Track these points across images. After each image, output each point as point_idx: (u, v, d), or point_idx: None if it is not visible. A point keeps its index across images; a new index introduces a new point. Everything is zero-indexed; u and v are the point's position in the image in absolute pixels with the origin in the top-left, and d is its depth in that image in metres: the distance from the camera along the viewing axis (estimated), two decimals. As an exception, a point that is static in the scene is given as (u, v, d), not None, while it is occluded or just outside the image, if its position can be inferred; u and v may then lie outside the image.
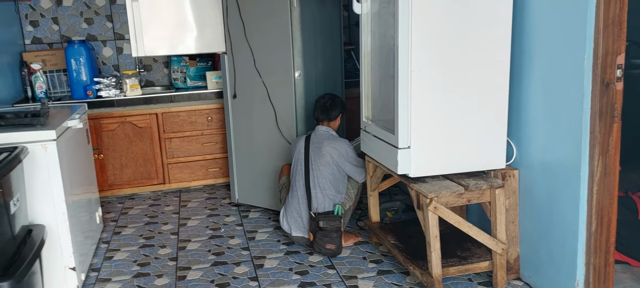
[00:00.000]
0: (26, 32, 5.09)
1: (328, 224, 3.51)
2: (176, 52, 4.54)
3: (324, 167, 3.64)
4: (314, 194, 3.63)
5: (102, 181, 4.84)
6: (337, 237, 3.54)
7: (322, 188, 3.63)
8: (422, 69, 2.80)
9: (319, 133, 3.76)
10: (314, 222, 3.54)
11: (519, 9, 2.89)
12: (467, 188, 2.90)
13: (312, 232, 3.55)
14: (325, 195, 3.64)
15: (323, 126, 3.79)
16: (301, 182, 3.69)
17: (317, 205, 3.63)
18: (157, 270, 3.56)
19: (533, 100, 2.88)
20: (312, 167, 3.66)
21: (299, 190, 3.69)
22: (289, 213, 3.73)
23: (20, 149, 2.75)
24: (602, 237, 2.65)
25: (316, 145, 3.70)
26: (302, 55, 3.99)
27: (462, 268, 3.08)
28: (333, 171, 3.66)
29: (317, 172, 3.64)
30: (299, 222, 3.69)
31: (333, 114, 3.79)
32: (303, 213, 3.67)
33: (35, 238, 2.80)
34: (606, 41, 2.43)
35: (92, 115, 4.67)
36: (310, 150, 3.70)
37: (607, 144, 2.55)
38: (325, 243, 3.51)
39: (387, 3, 2.97)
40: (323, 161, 3.64)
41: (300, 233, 3.69)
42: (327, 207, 3.64)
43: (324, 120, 3.80)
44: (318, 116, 3.82)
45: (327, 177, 3.65)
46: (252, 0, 4.06)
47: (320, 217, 3.52)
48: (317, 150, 3.67)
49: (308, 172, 3.66)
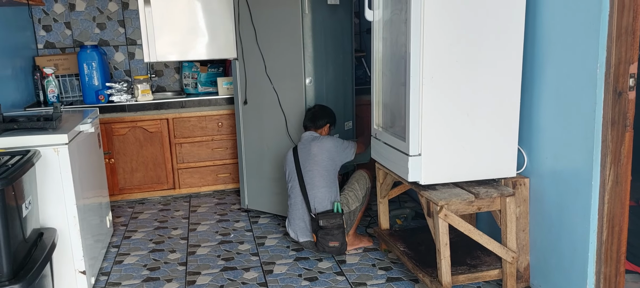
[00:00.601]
0: (39, 37, 5.14)
1: (328, 222, 3.51)
2: (188, 57, 4.56)
3: (314, 166, 3.66)
4: (311, 195, 3.65)
5: (113, 185, 4.87)
6: (339, 233, 3.54)
7: (317, 187, 3.65)
8: (434, 76, 2.80)
9: (304, 138, 3.82)
10: (315, 222, 3.55)
11: (532, 17, 2.89)
12: (478, 196, 2.89)
13: (314, 232, 3.56)
14: (322, 193, 3.65)
15: (309, 132, 3.84)
16: (297, 188, 3.71)
17: (315, 205, 3.64)
18: (166, 274, 3.57)
19: (544, 108, 2.87)
20: (304, 170, 3.69)
21: (297, 196, 3.71)
22: (293, 221, 3.75)
23: (32, 152, 2.77)
24: (613, 246, 2.63)
25: (304, 148, 3.75)
26: (313, 62, 4.00)
27: (471, 276, 3.07)
28: (324, 167, 3.67)
29: (310, 174, 3.66)
30: (303, 228, 3.70)
31: (320, 122, 3.85)
32: (305, 218, 3.68)
33: (46, 241, 2.82)
34: (619, 50, 2.42)
35: (104, 119, 4.70)
36: (299, 155, 3.73)
37: (619, 152, 2.53)
38: (328, 241, 3.52)
39: (399, 10, 2.98)
40: (312, 161, 3.67)
41: (307, 238, 3.70)
42: (326, 205, 3.64)
43: (310, 127, 3.86)
44: (306, 124, 3.88)
45: (318, 175, 3.66)
46: (264, 6, 4.08)
47: (320, 216, 3.53)
48: (306, 152, 3.72)
49: (301, 176, 3.68)
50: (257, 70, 4.23)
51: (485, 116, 2.92)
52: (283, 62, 4.07)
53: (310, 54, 3.98)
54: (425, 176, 2.94)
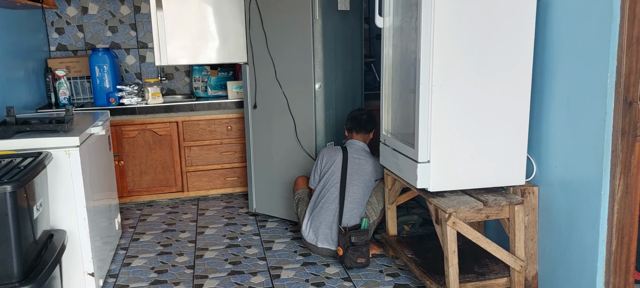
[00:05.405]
0: (52, 39, 5.18)
1: (359, 239, 3.54)
2: (198, 61, 4.58)
3: (361, 183, 3.73)
4: (348, 208, 3.67)
5: (122, 187, 4.89)
6: (367, 250, 3.58)
7: (355, 201, 3.69)
8: (443, 83, 2.81)
9: (356, 148, 3.84)
10: (345, 237, 3.56)
11: (542, 26, 2.88)
12: (486, 204, 2.89)
13: (343, 247, 3.57)
14: (357, 209, 3.69)
15: (359, 141, 3.87)
16: (335, 196, 3.72)
17: (348, 219, 3.67)
18: (174, 277, 3.58)
19: (554, 117, 2.86)
20: (350, 181, 3.71)
21: (332, 202, 3.71)
22: (318, 225, 3.74)
23: (44, 155, 2.80)
24: (622, 256, 2.62)
25: (356, 159, 3.77)
26: (322, 67, 4.01)
27: (479, 284, 3.06)
28: (366, 186, 3.75)
29: (355, 188, 3.71)
30: (327, 235, 3.71)
31: (369, 126, 3.90)
32: (333, 227, 3.69)
33: (56, 243, 2.84)
34: (629, 60, 2.42)
35: (114, 122, 4.73)
36: (348, 163, 3.75)
37: (629, 162, 2.52)
38: (357, 257, 3.55)
39: (409, 17, 2.98)
40: (361, 179, 3.73)
41: (327, 245, 3.71)
42: (355, 221, 3.68)
43: (359, 132, 3.88)
44: (353, 128, 3.90)
45: (360, 192, 3.73)
46: (274, 12, 4.10)
47: (352, 233, 3.55)
48: (358, 164, 3.76)
49: (345, 185, 3.69)
50: (267, 74, 4.25)
51: (494, 124, 2.92)
52: (293, 67, 4.08)
53: (320, 59, 3.99)
54: (434, 183, 2.94)
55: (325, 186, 3.78)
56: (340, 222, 3.65)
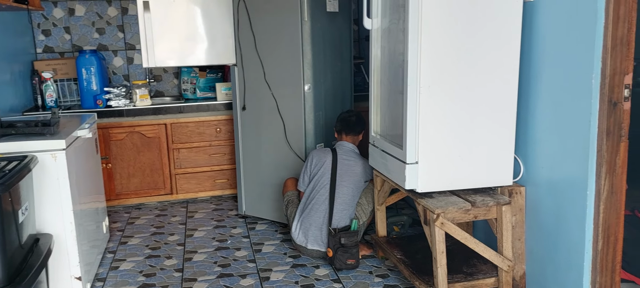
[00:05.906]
0: (38, 41, 5.15)
1: (349, 241, 3.55)
2: (186, 63, 4.57)
3: (351, 184, 3.75)
4: (337, 210, 3.67)
5: (109, 190, 4.86)
6: (356, 251, 3.59)
7: (344, 203, 3.70)
8: (431, 85, 2.81)
9: (345, 149, 3.86)
10: (335, 238, 3.56)
11: (528, 27, 2.90)
12: (474, 205, 2.90)
13: (333, 249, 3.57)
14: (345, 210, 3.69)
15: (348, 142, 3.89)
16: (325, 197, 3.72)
17: (338, 221, 3.67)
18: (162, 281, 3.57)
19: (540, 118, 2.88)
20: (339, 183, 3.72)
21: (322, 204, 3.72)
22: (308, 227, 3.74)
23: (30, 158, 2.78)
24: (608, 255, 2.64)
25: (346, 161, 3.79)
26: (312, 69, 4.01)
27: (468, 284, 3.07)
28: (356, 188, 3.77)
29: (345, 189, 3.72)
30: (317, 236, 3.71)
31: (358, 129, 3.92)
32: (323, 228, 3.69)
33: (42, 247, 2.82)
34: (614, 61, 2.43)
35: (101, 124, 4.70)
36: (338, 165, 3.76)
37: (614, 162, 2.54)
38: (346, 259, 3.56)
39: (397, 19, 2.99)
40: (350, 180, 3.74)
41: (317, 246, 3.71)
42: (345, 222, 3.68)
43: (349, 134, 3.90)
44: (342, 129, 3.92)
45: (350, 193, 3.74)
46: (263, 13, 4.09)
47: (342, 234, 3.55)
48: (347, 166, 3.77)
49: (334, 187, 3.70)
50: (256, 76, 4.24)
51: (482, 125, 2.93)
52: (282, 68, 4.08)
53: (309, 60, 3.99)
54: (422, 184, 2.94)
55: (315, 188, 3.78)
56: (330, 223, 3.66)
